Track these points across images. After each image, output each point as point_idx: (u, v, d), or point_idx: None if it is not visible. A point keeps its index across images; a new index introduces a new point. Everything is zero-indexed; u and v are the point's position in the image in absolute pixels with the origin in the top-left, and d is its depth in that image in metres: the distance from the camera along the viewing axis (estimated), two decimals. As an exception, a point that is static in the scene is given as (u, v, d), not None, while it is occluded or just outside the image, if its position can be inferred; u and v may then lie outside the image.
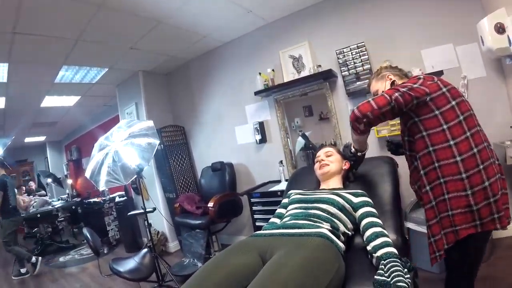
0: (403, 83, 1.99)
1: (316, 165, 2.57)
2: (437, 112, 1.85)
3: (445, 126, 1.83)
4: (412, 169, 2.09)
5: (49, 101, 6.83)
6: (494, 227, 1.77)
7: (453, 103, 1.86)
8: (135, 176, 3.89)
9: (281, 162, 4.66)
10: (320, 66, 4.27)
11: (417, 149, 1.94)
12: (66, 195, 10.13)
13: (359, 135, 2.19)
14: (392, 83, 2.23)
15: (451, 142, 1.81)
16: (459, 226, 1.79)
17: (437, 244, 1.86)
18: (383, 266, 1.61)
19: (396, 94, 1.83)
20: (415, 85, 1.88)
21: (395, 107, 1.82)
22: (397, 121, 3.49)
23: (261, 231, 2.07)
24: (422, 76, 1.97)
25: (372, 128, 2.11)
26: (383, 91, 1.96)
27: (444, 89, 1.88)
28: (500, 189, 1.78)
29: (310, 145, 4.35)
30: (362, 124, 1.95)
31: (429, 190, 1.89)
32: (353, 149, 2.40)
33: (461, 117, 1.83)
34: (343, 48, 4.10)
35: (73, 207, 8.99)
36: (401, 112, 1.91)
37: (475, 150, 1.78)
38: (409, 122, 1.96)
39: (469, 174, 1.76)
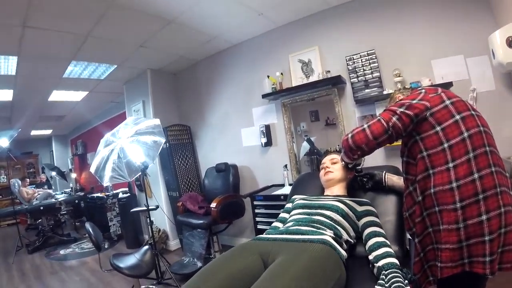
0: (401, 99, 1.85)
1: (321, 172, 2.56)
2: (438, 128, 1.67)
3: (445, 145, 1.64)
4: (406, 193, 1.88)
5: (57, 96, 6.88)
6: (482, 271, 1.55)
7: (457, 117, 1.67)
8: (140, 173, 3.91)
9: (285, 166, 4.65)
10: (329, 71, 4.26)
11: (416, 172, 1.76)
12: (70, 189, 10.17)
13: (351, 161, 2.17)
14: None
15: (450, 165, 1.62)
16: (443, 264, 1.63)
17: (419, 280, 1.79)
18: (384, 277, 1.60)
19: (394, 119, 1.72)
20: (414, 101, 1.74)
21: (392, 135, 1.73)
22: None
23: (264, 235, 2.06)
24: (424, 90, 1.82)
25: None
26: (379, 114, 1.82)
27: (447, 102, 1.72)
28: (502, 226, 1.54)
29: (315, 150, 4.34)
30: (356, 155, 1.91)
31: (426, 216, 1.74)
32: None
33: (466, 134, 1.63)
34: (353, 55, 4.10)
35: (76, 201, 9.05)
36: (399, 138, 1.82)
37: (475, 175, 1.56)
38: (409, 141, 1.81)
39: (464, 204, 1.56)
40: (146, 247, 3.79)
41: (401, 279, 1.54)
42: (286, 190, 4.20)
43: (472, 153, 1.60)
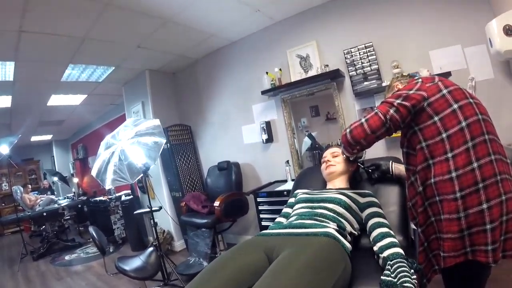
0: (398, 90, 1.85)
1: (323, 166, 2.56)
2: (436, 118, 1.68)
3: (444, 135, 1.66)
4: (408, 184, 1.90)
5: (56, 100, 6.86)
6: (485, 260, 1.57)
7: (455, 106, 1.67)
8: (142, 175, 3.90)
9: (287, 162, 4.65)
10: (327, 66, 4.26)
11: (417, 162, 1.78)
12: (72, 194, 10.17)
13: (352, 155, 2.17)
14: None
15: (449, 155, 1.63)
16: (446, 253, 1.66)
17: (424, 271, 1.80)
18: (389, 267, 1.60)
19: (391, 111, 1.72)
20: (411, 91, 1.74)
21: (390, 127, 1.74)
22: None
23: (268, 231, 2.06)
24: (420, 79, 1.82)
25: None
26: (376, 107, 1.83)
27: (444, 91, 1.72)
28: (503, 214, 1.56)
29: (317, 145, 4.34)
30: (355, 149, 1.92)
31: (427, 206, 1.77)
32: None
33: (464, 123, 1.63)
34: (350, 48, 4.09)
35: (79, 206, 9.03)
36: (398, 130, 1.82)
37: (474, 164, 1.58)
38: (408, 132, 1.82)
39: (464, 194, 1.57)
40: (151, 248, 3.79)
41: (407, 269, 1.54)
42: (289, 185, 4.20)
43: (471, 142, 1.60)
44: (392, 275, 1.53)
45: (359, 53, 4.04)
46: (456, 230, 1.61)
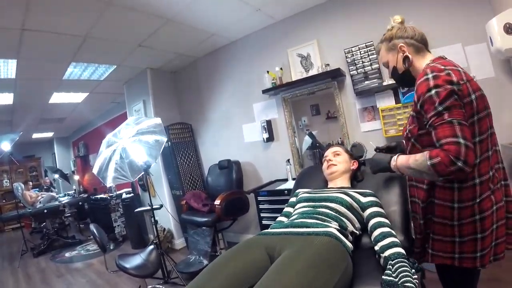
0: (435, 85, 1.51)
1: (324, 165, 2.56)
2: None
3: None
4: None
5: (57, 98, 6.88)
6: (472, 265, 1.62)
7: (475, 118, 1.54)
8: (142, 173, 3.92)
9: (288, 160, 4.65)
10: (328, 65, 4.25)
11: None
12: (73, 191, 10.19)
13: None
14: (405, 58, 1.92)
15: None
16: (435, 252, 1.72)
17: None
18: (390, 266, 1.61)
19: (464, 110, 1.49)
20: (456, 86, 1.49)
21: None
22: (405, 120, 3.48)
23: (269, 230, 2.07)
24: (450, 72, 1.54)
25: (380, 128, 1.94)
26: (450, 117, 1.46)
27: (472, 96, 1.53)
28: (494, 223, 1.59)
29: (317, 144, 4.34)
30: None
31: (427, 205, 1.77)
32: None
33: (477, 139, 1.54)
34: (351, 47, 4.08)
35: (80, 203, 9.06)
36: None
37: (476, 180, 1.55)
38: (423, 130, 1.64)
39: (462, 206, 1.58)
40: (152, 246, 3.80)
41: (408, 269, 1.54)
42: (290, 184, 4.20)
43: (478, 159, 1.57)
44: (394, 275, 1.53)
45: (360, 52, 4.03)
46: (449, 235, 1.64)
